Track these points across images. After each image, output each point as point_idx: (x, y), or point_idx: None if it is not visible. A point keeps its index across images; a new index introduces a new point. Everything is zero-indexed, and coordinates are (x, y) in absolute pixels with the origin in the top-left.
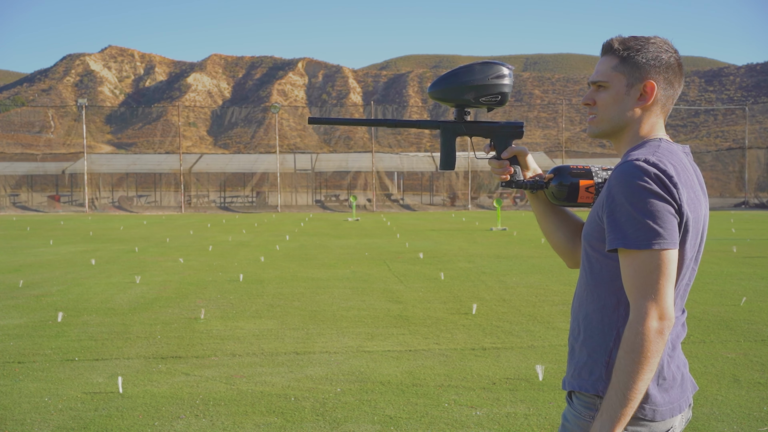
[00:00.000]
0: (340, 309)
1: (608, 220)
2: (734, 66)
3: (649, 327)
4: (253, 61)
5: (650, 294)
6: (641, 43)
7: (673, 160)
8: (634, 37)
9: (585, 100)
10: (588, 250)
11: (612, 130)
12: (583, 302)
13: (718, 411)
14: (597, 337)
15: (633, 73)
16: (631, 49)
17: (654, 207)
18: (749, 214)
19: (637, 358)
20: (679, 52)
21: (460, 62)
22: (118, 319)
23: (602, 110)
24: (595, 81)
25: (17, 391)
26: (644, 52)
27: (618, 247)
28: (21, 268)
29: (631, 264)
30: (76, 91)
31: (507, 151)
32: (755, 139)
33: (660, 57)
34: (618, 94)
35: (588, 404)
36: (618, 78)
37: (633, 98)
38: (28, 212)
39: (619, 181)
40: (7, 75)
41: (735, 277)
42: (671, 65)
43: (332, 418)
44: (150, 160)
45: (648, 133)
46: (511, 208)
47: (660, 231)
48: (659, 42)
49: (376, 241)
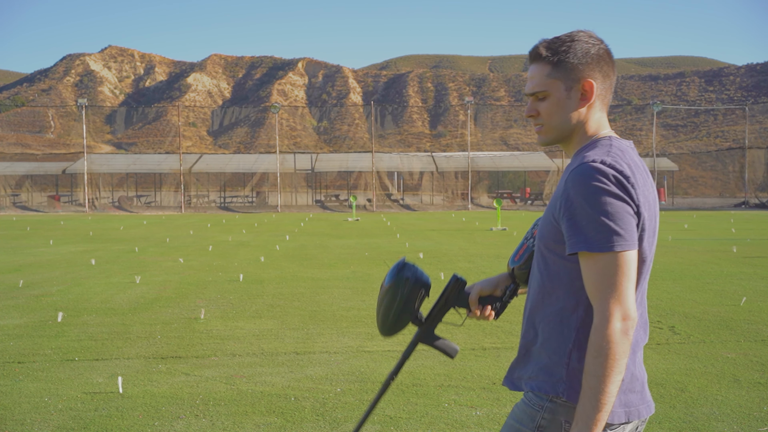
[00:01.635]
0: (340, 309)
1: (568, 224)
2: (734, 66)
3: (614, 328)
4: (253, 61)
5: (613, 295)
6: (567, 43)
7: (626, 160)
8: (558, 39)
9: (528, 112)
10: (545, 252)
11: (562, 136)
12: (540, 305)
13: (718, 411)
14: (556, 340)
15: (569, 76)
16: (560, 53)
17: (613, 208)
18: (749, 214)
19: (606, 362)
20: (604, 41)
21: (460, 62)
22: (118, 319)
23: (548, 119)
24: (534, 92)
25: (17, 391)
26: (573, 52)
27: (580, 251)
28: (21, 268)
29: (594, 266)
30: (76, 91)
31: (472, 303)
32: (755, 139)
33: (589, 52)
34: (559, 101)
35: (541, 399)
36: (555, 84)
37: (575, 100)
38: (28, 212)
39: (577, 184)
40: (7, 75)
41: (735, 277)
42: (602, 57)
43: (332, 418)
44: (150, 160)
45: (596, 131)
46: (511, 208)
47: (620, 232)
48: (584, 37)
49: (376, 241)
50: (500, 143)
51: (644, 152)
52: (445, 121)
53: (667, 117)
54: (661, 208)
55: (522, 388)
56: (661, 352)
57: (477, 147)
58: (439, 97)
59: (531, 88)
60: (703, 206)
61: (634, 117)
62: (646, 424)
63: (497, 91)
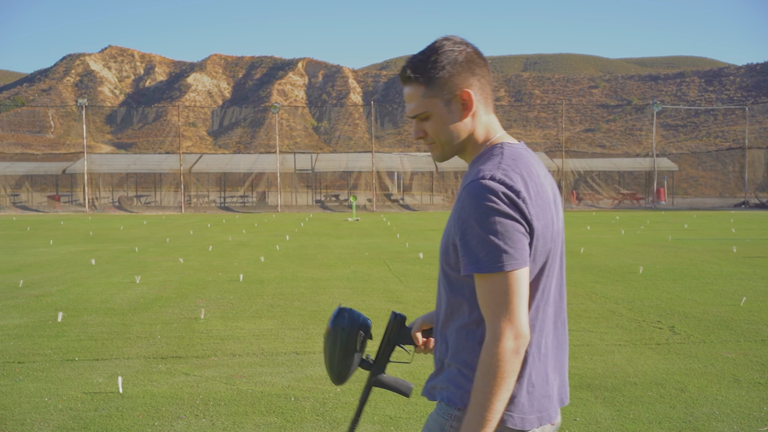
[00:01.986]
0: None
1: (461, 244)
2: (734, 66)
3: (505, 347)
4: (253, 61)
5: (504, 314)
6: (432, 57)
7: (518, 169)
8: (423, 55)
9: (416, 134)
10: (446, 269)
11: (456, 150)
12: (449, 319)
13: (718, 411)
14: (465, 353)
15: (444, 92)
16: (429, 71)
17: (503, 227)
18: (749, 214)
19: (494, 380)
20: (469, 43)
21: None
22: (118, 319)
23: (436, 137)
24: (416, 115)
25: (17, 391)
26: (440, 65)
27: (471, 273)
28: (21, 268)
29: (485, 286)
30: (76, 91)
31: (416, 339)
32: (755, 139)
33: (457, 60)
34: (442, 117)
35: (451, 409)
36: (433, 103)
37: (457, 113)
38: (28, 212)
39: (469, 204)
40: (7, 75)
41: (735, 277)
42: (471, 61)
43: (332, 418)
44: (150, 160)
45: (487, 136)
46: None
47: (510, 252)
48: (448, 45)
49: (376, 241)
50: None
51: (644, 152)
52: None
53: (667, 117)
54: (662, 208)
55: (436, 398)
56: (661, 352)
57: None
58: None
59: (411, 111)
60: (703, 206)
61: (634, 117)
62: (644, 424)
63: (497, 91)
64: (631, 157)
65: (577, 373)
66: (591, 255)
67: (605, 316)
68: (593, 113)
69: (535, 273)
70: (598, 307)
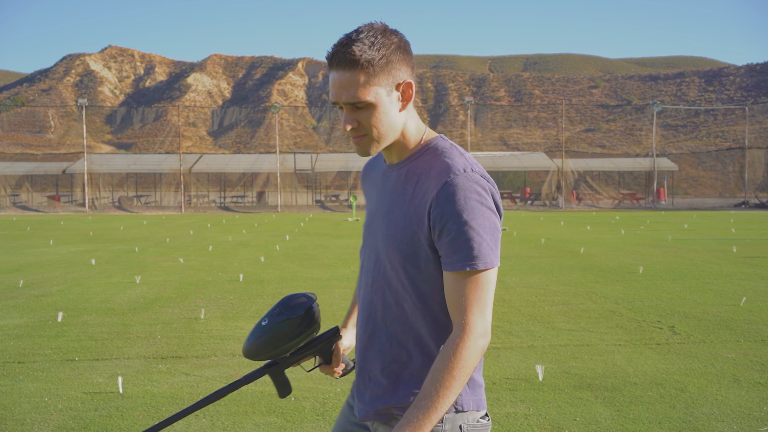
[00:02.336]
0: (340, 309)
1: (448, 239)
2: (734, 66)
3: (478, 345)
4: (253, 61)
5: (481, 312)
6: (378, 44)
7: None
8: (366, 39)
9: (348, 123)
10: (412, 272)
11: (388, 143)
12: (409, 325)
13: (718, 411)
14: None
15: (388, 80)
16: (372, 57)
17: (491, 224)
18: (749, 214)
19: (459, 374)
20: (399, 31)
21: (460, 62)
22: (118, 319)
23: (372, 128)
24: (352, 102)
25: (17, 391)
26: (385, 52)
27: (470, 269)
28: (21, 268)
29: (472, 282)
30: (76, 91)
31: (335, 362)
32: (755, 139)
33: (399, 47)
34: (384, 107)
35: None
36: (376, 92)
37: (396, 103)
38: (28, 212)
39: (459, 198)
40: (7, 75)
41: (735, 277)
42: (408, 49)
43: (332, 418)
44: (150, 160)
45: (419, 129)
46: (511, 208)
47: (495, 249)
48: (388, 32)
49: None
50: (500, 143)
51: (644, 152)
52: (445, 121)
53: (667, 117)
54: (662, 208)
55: (393, 415)
56: (661, 352)
57: (477, 147)
58: (439, 97)
59: (348, 98)
60: (703, 206)
61: (634, 117)
62: (644, 424)
63: (497, 91)
64: (631, 157)
65: (577, 373)
66: (591, 255)
67: (605, 316)
68: (593, 113)
69: None
70: (598, 307)
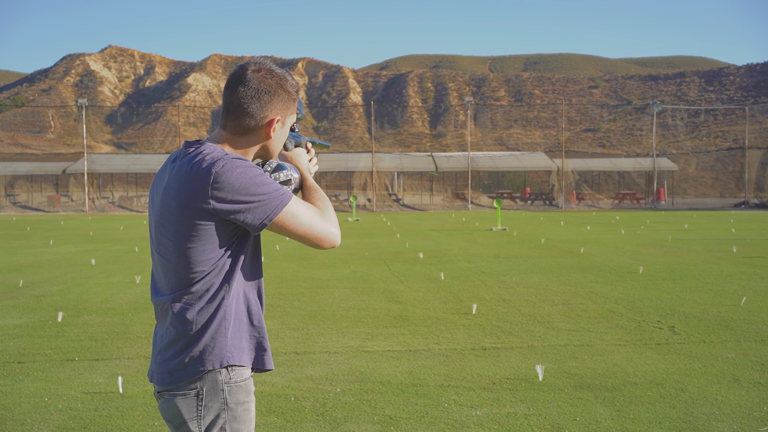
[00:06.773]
0: (340, 309)
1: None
2: (734, 66)
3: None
4: None
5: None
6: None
7: None
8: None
9: None
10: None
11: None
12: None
13: (718, 411)
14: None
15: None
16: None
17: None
18: (749, 214)
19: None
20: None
21: (460, 62)
22: (118, 319)
23: None
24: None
25: (17, 391)
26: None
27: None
28: (21, 268)
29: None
30: (76, 91)
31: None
32: (755, 139)
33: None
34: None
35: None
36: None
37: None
38: (28, 212)
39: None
40: (7, 75)
41: (735, 277)
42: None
43: (332, 418)
44: (150, 160)
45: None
46: (511, 208)
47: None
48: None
49: (376, 241)
50: (500, 143)
51: (644, 152)
52: (445, 121)
53: (667, 117)
54: (662, 208)
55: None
56: (661, 352)
57: (477, 147)
58: (439, 97)
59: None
60: (703, 206)
61: (634, 117)
62: (644, 424)
63: (497, 91)
64: (631, 157)
65: (577, 373)
66: (591, 255)
67: (605, 316)
68: (593, 113)
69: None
70: (598, 307)
